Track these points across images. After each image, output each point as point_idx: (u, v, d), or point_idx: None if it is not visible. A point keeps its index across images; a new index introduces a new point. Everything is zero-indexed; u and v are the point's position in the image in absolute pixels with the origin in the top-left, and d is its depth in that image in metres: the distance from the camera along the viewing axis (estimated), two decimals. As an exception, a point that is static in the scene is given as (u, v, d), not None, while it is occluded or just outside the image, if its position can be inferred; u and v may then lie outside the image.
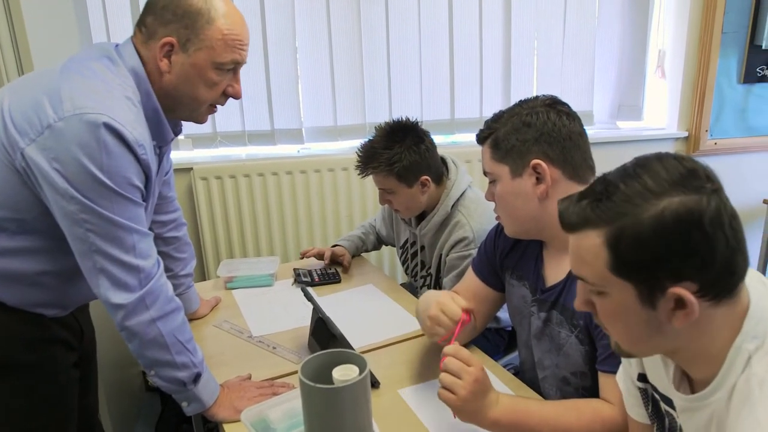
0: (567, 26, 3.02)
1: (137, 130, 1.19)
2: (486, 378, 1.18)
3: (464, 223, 1.88)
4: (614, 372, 1.18)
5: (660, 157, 0.79)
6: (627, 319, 0.83)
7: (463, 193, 1.94)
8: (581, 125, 1.31)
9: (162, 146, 1.38)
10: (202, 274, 2.78)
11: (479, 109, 3.01)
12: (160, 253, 1.32)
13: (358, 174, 1.93)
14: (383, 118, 1.95)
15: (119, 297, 1.21)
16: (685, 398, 0.88)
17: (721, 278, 0.77)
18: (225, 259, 2.69)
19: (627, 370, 1.07)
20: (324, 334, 1.48)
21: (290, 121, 2.82)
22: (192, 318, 1.79)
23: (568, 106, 1.32)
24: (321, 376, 1.04)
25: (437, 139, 2.00)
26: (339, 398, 0.99)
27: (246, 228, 2.76)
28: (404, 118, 1.91)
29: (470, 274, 1.60)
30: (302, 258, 2.25)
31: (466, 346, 1.57)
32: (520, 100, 1.34)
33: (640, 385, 1.02)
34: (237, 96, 1.36)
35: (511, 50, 2.98)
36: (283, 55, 2.72)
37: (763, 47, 2.97)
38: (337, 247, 2.23)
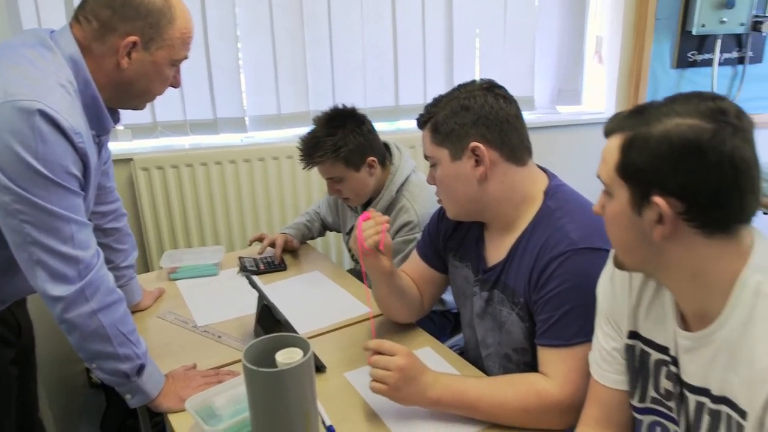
0: (508, 13, 3.06)
1: (73, 118, 1.17)
2: (414, 363, 1.21)
3: (409, 207, 1.90)
4: (551, 345, 1.22)
5: (704, 93, 0.84)
6: (620, 223, 0.91)
7: (407, 178, 1.96)
8: (518, 108, 1.34)
9: (101, 135, 1.35)
10: (146, 266, 2.72)
11: (423, 95, 3.03)
12: (100, 244, 1.29)
13: (304, 167, 1.92)
14: (327, 105, 1.95)
15: (58, 289, 1.18)
16: (693, 336, 0.91)
17: (709, 208, 0.82)
18: (169, 250, 2.64)
19: (605, 337, 1.10)
20: (269, 320, 1.48)
21: (233, 109, 2.78)
22: (135, 310, 1.76)
23: (505, 90, 1.34)
24: (265, 361, 1.04)
25: (381, 125, 2.01)
26: (282, 381, 1.00)
27: (190, 218, 2.72)
28: (341, 106, 1.92)
29: (415, 256, 1.63)
30: (250, 244, 2.23)
31: (407, 330, 1.60)
32: (459, 85, 1.35)
33: (630, 342, 1.05)
34: (178, 86, 1.38)
35: (453, 37, 3.00)
36: (223, 42, 2.67)
37: (694, 33, 3.07)
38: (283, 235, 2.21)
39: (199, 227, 2.76)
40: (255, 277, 1.66)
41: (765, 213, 2.88)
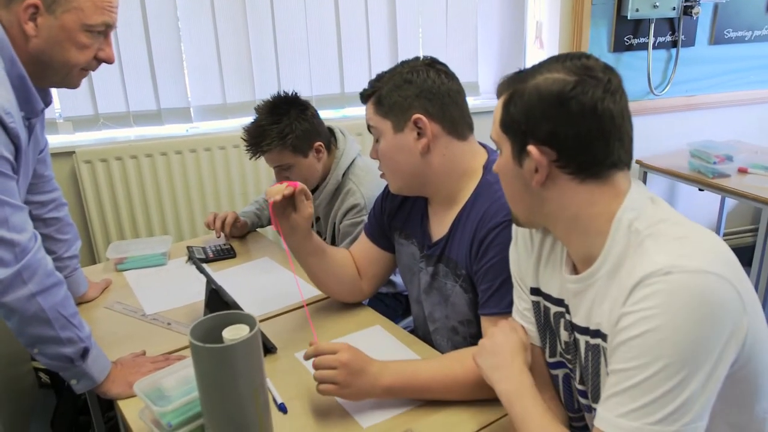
0: (449, 0, 3.09)
1: (3, 97, 1.14)
2: (358, 355, 1.20)
3: (355, 190, 1.92)
4: (493, 314, 1.25)
5: (575, 54, 0.92)
6: (506, 175, 0.98)
7: (353, 161, 1.97)
8: (459, 84, 1.37)
9: (31, 118, 1.33)
10: (92, 258, 2.69)
11: (368, 82, 3.04)
12: (41, 235, 1.27)
13: (250, 157, 1.91)
14: (272, 94, 1.95)
15: None
16: (577, 278, 0.97)
17: (578, 156, 0.89)
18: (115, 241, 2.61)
19: (518, 299, 1.16)
20: (218, 304, 1.47)
21: (177, 100, 2.75)
22: (81, 302, 1.73)
23: (447, 66, 1.38)
24: (213, 339, 1.05)
25: (328, 113, 2.01)
26: (230, 357, 1.00)
27: (136, 210, 2.69)
28: (282, 93, 1.92)
29: (363, 237, 1.64)
30: (209, 227, 2.18)
31: (355, 311, 1.62)
32: (402, 61, 1.39)
33: (534, 298, 1.11)
34: (109, 60, 1.35)
35: (397, 24, 3.02)
36: (165, 32, 2.64)
37: (629, 17, 3.16)
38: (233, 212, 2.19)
39: (147, 219, 2.73)
40: (204, 265, 1.65)
41: (701, 190, 3.01)
